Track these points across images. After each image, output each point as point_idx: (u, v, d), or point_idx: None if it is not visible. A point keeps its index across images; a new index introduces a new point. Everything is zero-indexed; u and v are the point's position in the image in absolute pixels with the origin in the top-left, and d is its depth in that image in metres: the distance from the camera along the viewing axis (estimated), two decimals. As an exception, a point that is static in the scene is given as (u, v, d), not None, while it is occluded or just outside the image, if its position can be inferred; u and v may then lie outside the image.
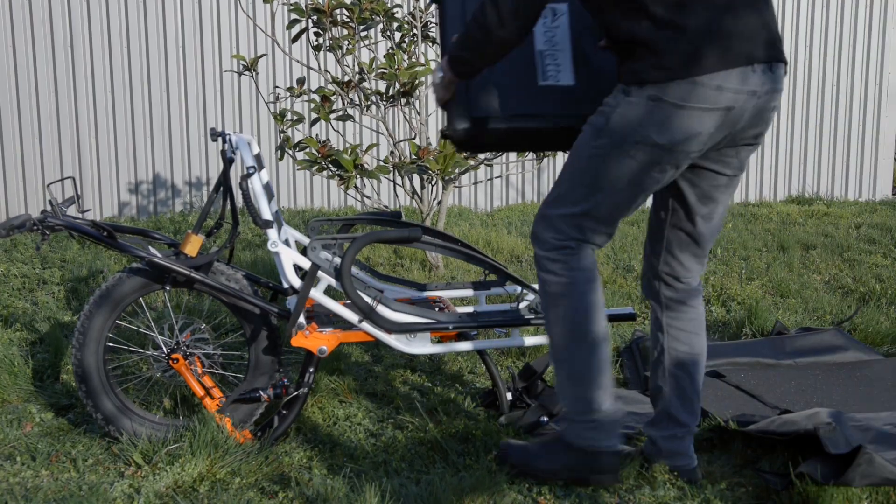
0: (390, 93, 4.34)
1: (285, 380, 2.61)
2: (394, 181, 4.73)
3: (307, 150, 4.24)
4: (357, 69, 4.45)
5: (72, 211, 6.58)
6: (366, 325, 2.53)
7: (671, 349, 2.38)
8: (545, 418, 2.67)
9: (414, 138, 4.59)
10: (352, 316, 2.52)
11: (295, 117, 4.35)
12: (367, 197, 4.57)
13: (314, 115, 5.73)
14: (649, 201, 4.49)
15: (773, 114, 2.14)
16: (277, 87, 5.43)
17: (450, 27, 2.36)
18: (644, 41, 2.01)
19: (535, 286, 2.66)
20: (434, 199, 4.66)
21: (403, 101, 4.31)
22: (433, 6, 4.47)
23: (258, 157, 2.68)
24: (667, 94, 2.00)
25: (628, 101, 2.06)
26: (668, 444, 2.38)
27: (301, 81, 4.35)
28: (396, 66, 4.12)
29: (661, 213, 2.32)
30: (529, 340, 2.68)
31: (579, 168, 2.15)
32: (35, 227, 2.51)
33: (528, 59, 2.35)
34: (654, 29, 2.00)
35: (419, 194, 4.62)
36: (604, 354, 2.22)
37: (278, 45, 4.53)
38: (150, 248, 2.57)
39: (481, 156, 4.74)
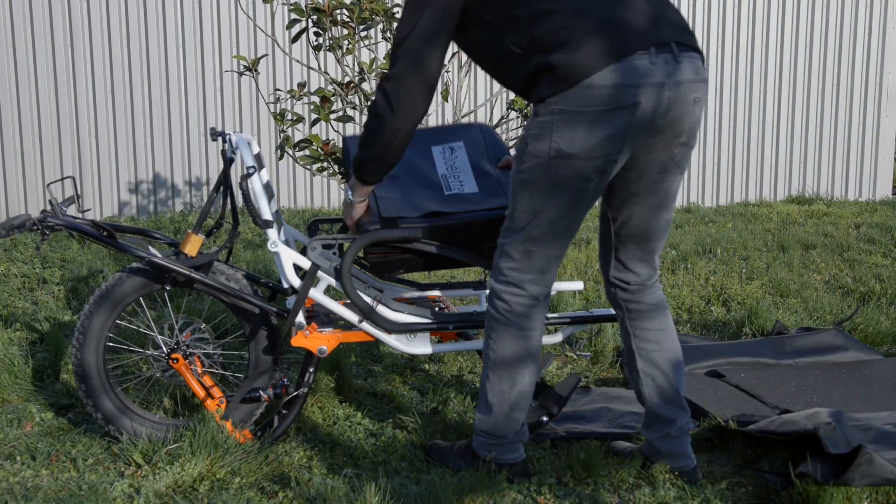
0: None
1: (285, 379, 2.61)
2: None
3: (311, 147, 4.24)
4: (357, 69, 4.45)
5: (72, 211, 6.58)
6: (366, 325, 2.53)
7: (640, 350, 2.39)
8: (545, 418, 2.67)
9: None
10: (352, 316, 2.52)
11: (295, 117, 4.35)
12: (367, 197, 4.57)
13: (314, 116, 5.72)
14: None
15: (696, 108, 2.12)
16: (278, 89, 5.43)
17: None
18: (538, 68, 2.08)
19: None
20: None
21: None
22: None
23: (258, 157, 2.68)
24: (568, 104, 2.04)
25: (538, 121, 2.10)
26: (664, 444, 2.39)
27: (302, 85, 4.35)
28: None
29: (606, 221, 2.36)
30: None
31: (515, 195, 2.20)
32: (35, 227, 2.51)
33: (432, 180, 2.59)
34: (543, 55, 2.07)
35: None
36: (522, 396, 2.30)
37: (278, 45, 4.53)
38: (150, 247, 2.57)
39: None
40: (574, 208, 2.15)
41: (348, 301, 2.61)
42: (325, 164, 4.18)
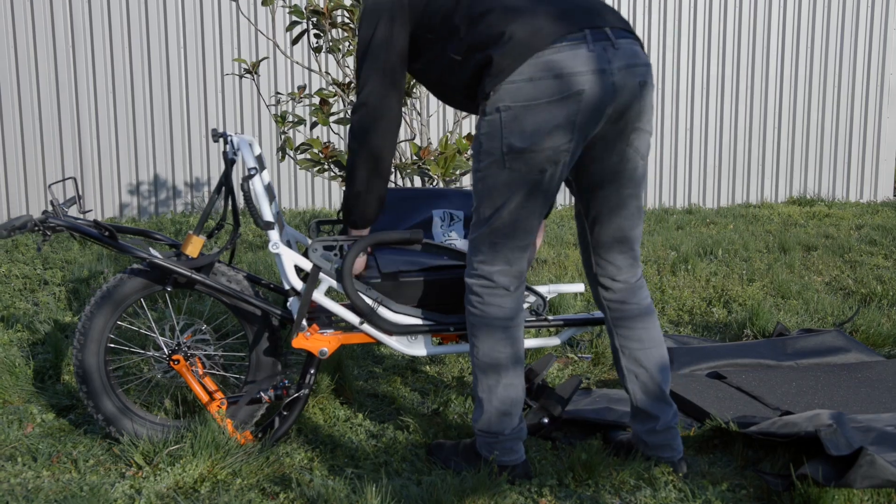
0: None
1: (286, 381, 2.61)
2: (395, 182, 4.73)
3: (310, 150, 4.24)
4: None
5: (73, 211, 6.58)
6: (367, 327, 2.53)
7: (624, 348, 2.43)
8: (546, 420, 2.67)
9: (414, 139, 4.58)
10: (353, 317, 2.52)
11: (296, 119, 4.35)
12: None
13: (314, 119, 5.74)
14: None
15: (644, 91, 2.18)
16: (279, 93, 5.43)
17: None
18: (477, 66, 2.17)
19: (536, 288, 2.66)
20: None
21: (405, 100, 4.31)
22: None
23: (260, 159, 2.68)
24: (513, 99, 2.10)
25: (486, 120, 2.17)
26: (650, 437, 2.44)
27: (302, 88, 4.35)
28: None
29: (580, 217, 2.42)
30: (530, 343, 2.68)
31: (478, 191, 2.26)
32: (36, 228, 2.51)
33: (427, 246, 2.63)
34: (480, 52, 2.15)
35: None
36: (509, 387, 2.32)
37: (279, 47, 4.53)
38: (152, 249, 2.57)
39: None
40: (533, 200, 2.20)
41: (349, 302, 2.61)
42: (324, 167, 4.18)
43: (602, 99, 2.10)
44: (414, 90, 4.25)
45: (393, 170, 4.21)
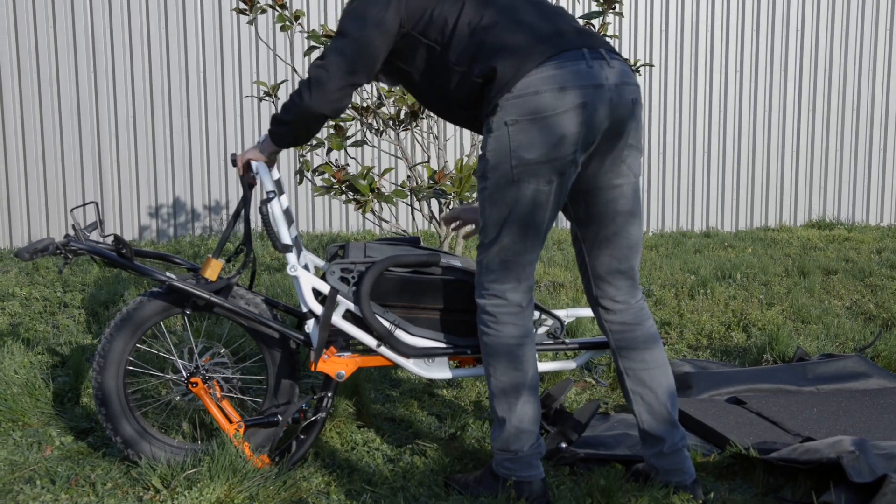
0: (401, 116, 4.36)
1: (303, 404, 2.61)
2: (411, 205, 4.74)
3: (324, 175, 4.26)
4: (376, 94, 4.49)
5: (94, 236, 6.63)
6: (384, 350, 2.53)
7: (628, 370, 2.43)
8: (564, 444, 2.65)
9: (428, 161, 4.60)
10: (370, 340, 2.53)
11: (314, 142, 4.38)
12: (385, 221, 4.59)
13: (327, 145, 5.77)
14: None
15: (636, 108, 2.26)
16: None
17: None
18: (481, 77, 2.20)
19: (554, 311, 2.65)
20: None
21: (413, 124, 4.34)
22: None
23: (278, 182, 2.70)
24: (519, 113, 2.15)
25: (493, 136, 2.21)
26: (659, 461, 2.42)
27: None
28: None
29: (577, 241, 2.44)
30: (548, 366, 2.67)
31: (485, 210, 2.28)
32: (58, 251, 2.54)
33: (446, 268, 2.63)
34: (483, 62, 2.20)
35: (437, 218, 4.63)
36: (527, 403, 2.33)
37: (297, 71, 4.57)
38: (170, 272, 2.59)
39: None
40: (540, 212, 2.23)
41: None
42: (339, 190, 4.20)
43: (601, 112, 2.18)
44: (422, 112, 4.27)
45: (408, 193, 4.23)
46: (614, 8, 4.52)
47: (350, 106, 4.42)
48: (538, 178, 2.18)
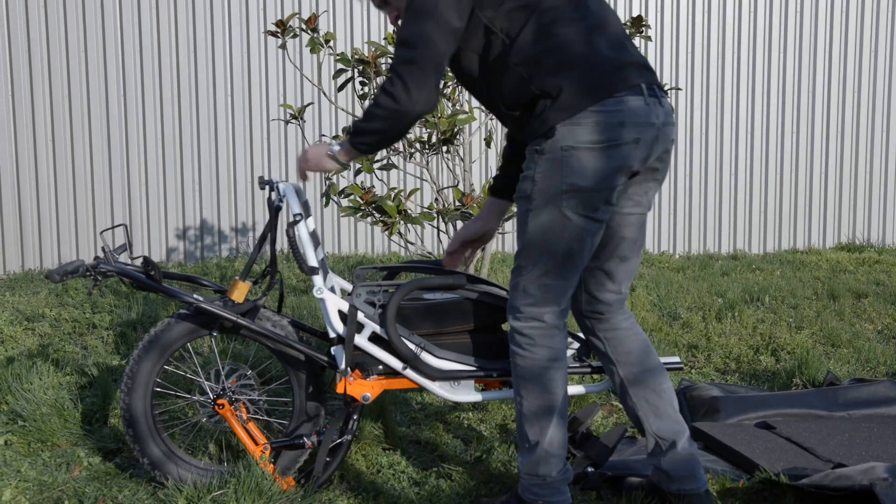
0: (432, 141, 4.38)
1: (329, 426, 2.61)
2: (437, 227, 4.75)
3: (351, 197, 4.29)
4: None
5: (123, 258, 6.70)
6: (410, 373, 2.53)
7: (628, 375, 2.44)
8: (591, 468, 2.63)
9: (457, 185, 4.62)
10: (396, 363, 2.52)
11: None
12: (412, 243, 4.60)
13: (357, 166, 5.81)
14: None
15: (671, 146, 2.30)
16: (324, 135, 5.51)
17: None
18: (542, 91, 2.18)
19: (579, 334, 2.64)
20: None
21: (444, 148, 4.35)
22: None
23: (305, 205, 2.72)
24: (577, 140, 2.15)
25: (545, 158, 2.20)
26: (672, 465, 2.40)
27: (346, 131, 4.41)
28: (439, 115, 4.16)
29: None
30: (573, 389, 2.65)
31: (526, 233, 2.27)
32: (88, 273, 2.57)
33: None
34: (548, 77, 2.17)
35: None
36: (557, 427, 2.31)
37: (324, 94, 4.61)
38: (198, 294, 2.61)
39: None
40: (586, 239, 2.23)
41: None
42: (366, 213, 4.22)
43: (649, 148, 2.22)
44: (458, 137, 4.29)
45: (435, 215, 4.24)
46: (642, 32, 4.53)
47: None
48: (587, 205, 2.19)
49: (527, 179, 2.24)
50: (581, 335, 2.65)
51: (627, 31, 4.47)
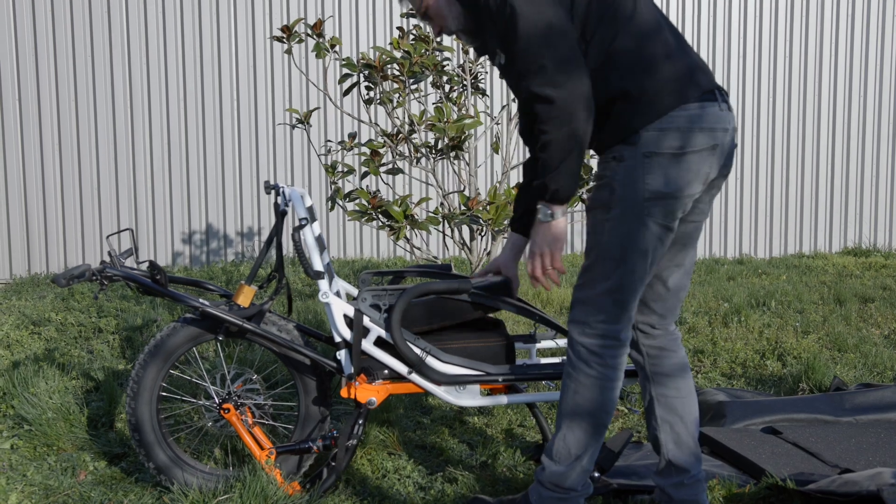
0: (439, 146, 4.38)
1: (334, 431, 2.61)
2: (443, 232, 4.75)
3: (358, 201, 4.29)
4: (407, 121, 4.52)
5: (129, 262, 6.71)
6: (415, 377, 2.52)
7: (660, 396, 2.38)
8: (597, 473, 2.62)
9: (463, 190, 4.61)
10: (401, 367, 2.52)
11: (346, 169, 4.41)
12: (417, 248, 4.60)
13: (364, 169, 5.82)
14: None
15: (735, 151, 2.20)
16: (329, 140, 5.51)
17: None
18: (617, 93, 2.11)
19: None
20: (484, 251, 4.66)
21: (452, 154, 4.35)
22: (482, 57, 4.52)
23: (311, 210, 2.72)
24: (660, 147, 2.09)
25: (624, 164, 2.12)
26: (677, 492, 2.37)
27: (353, 136, 4.42)
28: (445, 119, 4.16)
29: None
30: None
31: (602, 243, 2.17)
32: (94, 278, 2.57)
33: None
34: (621, 77, 2.10)
35: (468, 245, 4.63)
36: (596, 441, 2.26)
37: (330, 98, 4.62)
38: (203, 298, 2.61)
39: None
40: (661, 249, 2.17)
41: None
42: (372, 217, 4.22)
43: (724, 154, 2.18)
44: (465, 143, 4.29)
45: (441, 219, 4.24)
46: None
47: (381, 132, 4.46)
48: (668, 214, 2.13)
49: (604, 188, 2.15)
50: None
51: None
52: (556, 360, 2.76)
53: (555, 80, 2.05)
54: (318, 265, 2.56)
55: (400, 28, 4.48)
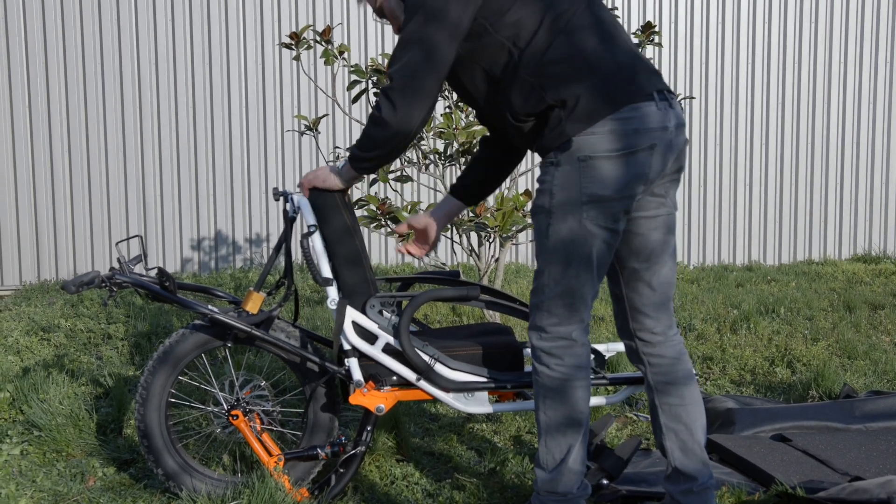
0: (448, 153, 4.39)
1: (343, 437, 2.61)
2: (451, 239, 4.75)
3: (367, 207, 4.30)
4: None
5: (138, 269, 6.73)
6: (423, 384, 2.52)
7: (663, 404, 2.38)
8: (605, 481, 2.62)
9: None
10: (410, 374, 2.52)
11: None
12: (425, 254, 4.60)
13: (373, 176, 5.82)
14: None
15: (685, 148, 2.28)
16: (338, 147, 5.52)
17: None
18: (554, 102, 2.15)
19: (595, 346, 2.63)
20: (492, 257, 4.66)
21: (462, 160, 4.36)
22: None
23: (319, 216, 2.72)
24: (595, 150, 2.12)
25: (560, 170, 2.16)
26: (686, 499, 2.37)
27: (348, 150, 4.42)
28: (454, 126, 4.17)
29: (616, 274, 2.38)
30: (591, 401, 2.64)
31: (547, 248, 2.22)
32: (104, 284, 2.58)
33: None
34: (559, 87, 2.14)
35: (476, 252, 4.63)
36: (576, 441, 2.27)
37: (339, 105, 4.63)
38: (212, 305, 2.62)
39: None
40: (608, 250, 2.20)
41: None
42: (381, 223, 4.23)
43: (666, 154, 2.19)
44: (474, 150, 4.29)
45: (449, 226, 4.24)
46: (653, 40, 4.53)
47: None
48: (607, 215, 2.15)
49: (544, 193, 2.20)
50: (596, 346, 2.64)
51: (637, 39, 4.47)
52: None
53: (394, 99, 2.22)
54: (326, 272, 2.56)
55: (408, 35, 4.48)
